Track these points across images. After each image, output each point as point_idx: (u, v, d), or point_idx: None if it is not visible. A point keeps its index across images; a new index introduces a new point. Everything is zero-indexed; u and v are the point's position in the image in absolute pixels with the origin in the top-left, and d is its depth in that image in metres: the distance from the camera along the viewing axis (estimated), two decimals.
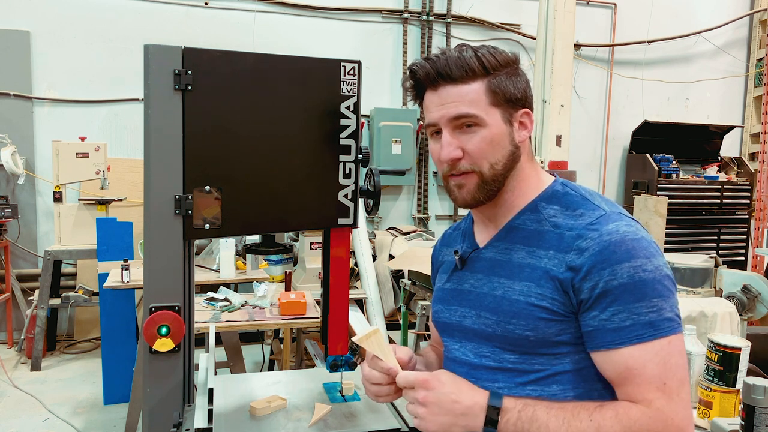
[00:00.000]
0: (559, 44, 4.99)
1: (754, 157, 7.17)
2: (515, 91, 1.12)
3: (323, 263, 1.67)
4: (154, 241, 1.43)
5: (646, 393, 0.99)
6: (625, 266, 1.01)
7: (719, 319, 3.17)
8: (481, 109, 1.09)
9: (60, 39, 5.32)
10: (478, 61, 1.09)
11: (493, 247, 1.18)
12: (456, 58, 1.09)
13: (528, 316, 1.08)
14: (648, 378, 1.00)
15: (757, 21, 7.24)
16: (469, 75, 1.09)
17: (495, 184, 1.13)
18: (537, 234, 1.12)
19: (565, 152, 5.04)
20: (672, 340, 1.01)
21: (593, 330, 1.04)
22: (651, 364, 1.00)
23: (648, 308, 1.00)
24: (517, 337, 1.08)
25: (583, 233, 1.06)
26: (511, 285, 1.11)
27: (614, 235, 1.03)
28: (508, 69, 1.12)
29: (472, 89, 1.09)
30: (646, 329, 1.00)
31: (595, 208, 1.10)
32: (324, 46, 5.83)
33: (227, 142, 1.45)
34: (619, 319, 1.01)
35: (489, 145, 1.10)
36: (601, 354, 1.04)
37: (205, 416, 1.46)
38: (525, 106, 1.14)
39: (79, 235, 4.80)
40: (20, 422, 3.77)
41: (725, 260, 4.42)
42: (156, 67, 1.38)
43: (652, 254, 1.03)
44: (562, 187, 1.16)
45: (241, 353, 3.58)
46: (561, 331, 1.07)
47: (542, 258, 1.09)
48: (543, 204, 1.15)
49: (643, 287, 1.00)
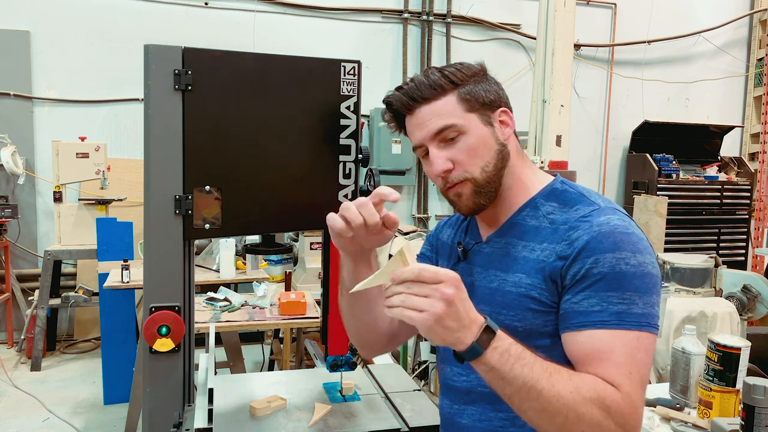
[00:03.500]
0: (559, 44, 4.99)
1: (754, 157, 7.17)
2: (487, 95, 1.16)
3: (323, 263, 1.67)
4: (154, 241, 1.43)
5: (616, 376, 0.99)
6: (609, 256, 1.02)
7: (719, 319, 3.18)
8: (458, 117, 1.13)
9: (60, 39, 5.32)
10: (444, 78, 1.14)
11: (493, 242, 1.20)
12: (423, 80, 1.15)
13: (518, 306, 1.10)
14: (616, 363, 1.00)
15: (757, 21, 7.24)
16: (439, 91, 1.14)
17: (491, 185, 1.15)
18: (534, 229, 1.15)
19: (565, 152, 5.03)
20: (641, 336, 1.01)
21: (563, 313, 1.06)
22: (619, 351, 1.00)
23: (619, 299, 1.01)
24: (506, 328, 1.09)
25: (575, 225, 1.09)
26: (506, 277, 1.14)
27: (604, 227, 1.05)
28: (475, 77, 1.16)
29: (445, 102, 1.14)
30: (612, 318, 1.01)
31: (591, 203, 1.13)
32: (324, 46, 5.83)
33: (227, 142, 1.45)
34: (588, 303, 1.02)
35: (475, 149, 1.13)
36: (568, 335, 1.05)
37: (205, 416, 1.47)
38: (501, 106, 1.18)
39: (79, 235, 4.80)
40: (20, 422, 3.77)
41: (725, 260, 4.41)
42: (156, 67, 1.38)
43: (639, 250, 1.04)
44: (561, 185, 1.19)
45: (241, 353, 3.58)
46: (546, 323, 1.09)
47: (535, 251, 1.12)
48: (542, 201, 1.17)
49: (621, 279, 1.01)
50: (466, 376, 1.19)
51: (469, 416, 1.19)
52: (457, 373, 1.21)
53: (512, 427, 1.13)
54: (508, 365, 0.95)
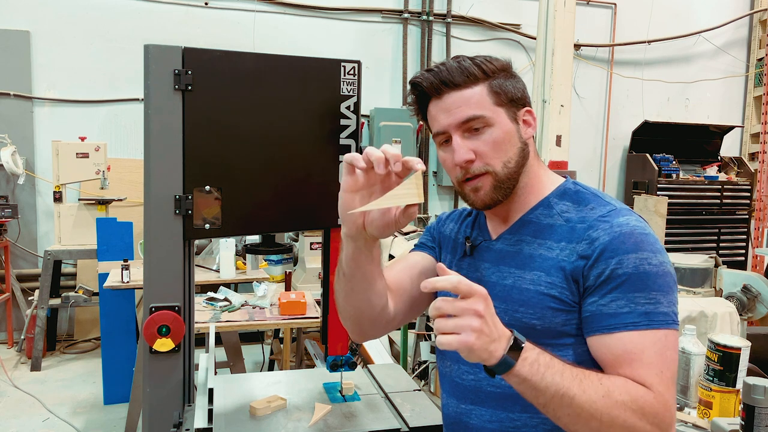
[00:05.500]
0: (559, 44, 4.99)
1: (754, 157, 7.17)
2: (515, 91, 1.17)
3: (323, 263, 1.67)
4: (154, 241, 1.43)
5: (647, 377, 1.00)
6: (632, 257, 1.04)
7: (719, 319, 3.17)
8: (487, 109, 1.13)
9: (60, 39, 5.32)
10: (478, 67, 1.14)
11: (505, 240, 1.20)
12: (456, 66, 1.15)
13: (537, 304, 1.10)
14: (647, 363, 1.01)
15: (757, 21, 7.24)
16: (471, 80, 1.13)
17: (510, 182, 1.16)
18: (549, 227, 1.15)
19: (565, 152, 5.04)
20: (668, 334, 1.03)
21: (590, 315, 1.06)
22: (650, 351, 1.01)
23: (646, 299, 1.03)
24: (523, 325, 1.10)
25: (594, 224, 1.09)
26: (522, 275, 1.14)
27: (624, 227, 1.07)
28: (505, 72, 1.18)
29: (476, 92, 1.13)
30: (642, 318, 1.02)
31: (606, 203, 1.14)
32: (324, 46, 5.83)
33: (227, 142, 1.45)
34: (616, 305, 1.03)
35: (500, 143, 1.13)
36: (597, 338, 1.05)
37: (205, 416, 1.46)
38: (526, 105, 1.19)
39: (79, 235, 4.80)
40: (20, 422, 3.77)
41: (725, 260, 4.41)
42: (156, 67, 1.38)
43: (658, 250, 1.06)
44: (573, 186, 1.20)
45: (241, 353, 3.58)
46: (566, 322, 1.09)
47: (554, 249, 1.12)
48: (555, 200, 1.18)
49: (645, 279, 1.03)
50: (474, 375, 1.18)
51: (479, 417, 1.18)
52: (465, 371, 1.20)
53: (524, 428, 1.13)
54: (539, 375, 0.96)
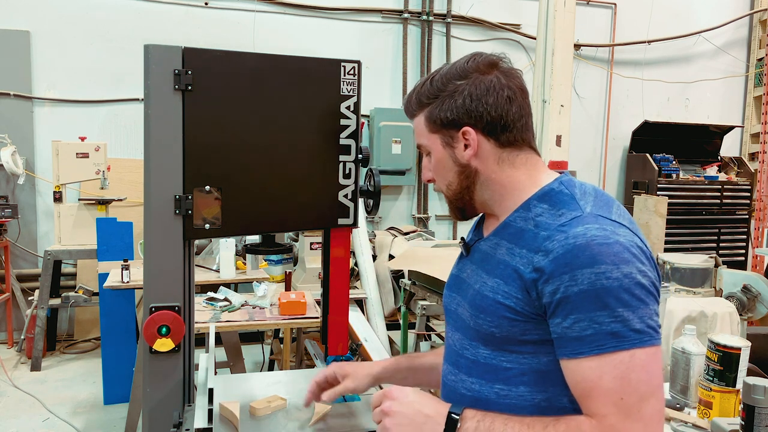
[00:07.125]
0: (559, 44, 4.99)
1: (754, 157, 7.17)
2: (449, 114, 1.14)
3: (323, 263, 1.67)
4: (154, 241, 1.43)
5: (601, 407, 0.96)
6: (586, 272, 0.96)
7: (719, 319, 3.17)
8: (425, 137, 1.20)
9: (60, 39, 5.32)
10: (416, 97, 1.20)
11: (488, 241, 1.19)
12: (412, 94, 1.22)
13: (493, 313, 1.09)
14: (603, 391, 0.96)
15: (757, 21, 7.24)
16: (415, 109, 1.21)
17: (459, 201, 1.20)
18: (520, 232, 1.10)
19: (565, 152, 5.03)
20: (635, 354, 0.95)
21: (557, 337, 1.02)
22: (608, 377, 0.96)
23: (611, 318, 0.96)
24: (485, 332, 1.10)
25: (551, 234, 1.03)
26: (486, 281, 1.13)
27: (579, 239, 0.99)
28: (444, 93, 1.14)
29: (419, 121, 1.20)
30: (608, 340, 0.96)
31: (576, 208, 1.06)
32: (324, 46, 5.83)
33: (227, 142, 1.45)
34: (579, 327, 0.97)
35: (438, 169, 1.20)
36: (563, 363, 1.02)
37: (205, 416, 1.46)
38: (465, 125, 1.14)
39: (79, 235, 4.80)
40: (20, 422, 3.77)
41: (725, 260, 4.41)
42: (156, 67, 1.38)
43: (622, 260, 0.97)
44: (558, 185, 1.12)
45: (241, 353, 3.58)
46: (526, 332, 1.06)
47: (515, 256, 1.08)
48: (535, 202, 1.12)
49: (604, 295, 0.95)
50: (454, 375, 1.20)
51: None
52: (451, 360, 1.23)
53: None
54: None
